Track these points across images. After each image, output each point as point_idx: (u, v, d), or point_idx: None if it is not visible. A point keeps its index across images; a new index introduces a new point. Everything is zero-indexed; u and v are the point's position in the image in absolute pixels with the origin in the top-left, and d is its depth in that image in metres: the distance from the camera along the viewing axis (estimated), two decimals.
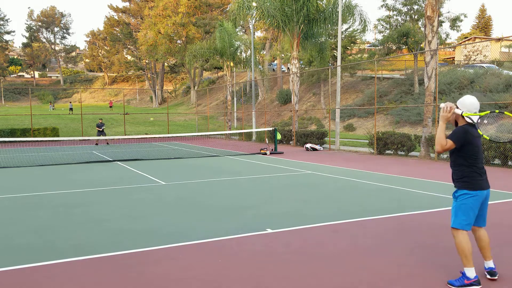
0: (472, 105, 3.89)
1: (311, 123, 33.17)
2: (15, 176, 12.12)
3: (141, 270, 4.45)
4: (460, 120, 3.98)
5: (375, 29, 40.09)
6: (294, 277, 4.24)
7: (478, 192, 3.90)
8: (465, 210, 3.93)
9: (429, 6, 15.34)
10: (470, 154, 3.92)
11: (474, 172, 3.92)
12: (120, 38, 71.06)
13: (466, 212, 3.93)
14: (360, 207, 7.36)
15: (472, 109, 3.88)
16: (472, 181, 3.92)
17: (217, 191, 9.23)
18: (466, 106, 3.90)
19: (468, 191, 3.92)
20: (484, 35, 59.94)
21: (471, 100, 3.91)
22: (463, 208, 3.93)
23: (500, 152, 12.67)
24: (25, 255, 4.97)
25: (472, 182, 3.91)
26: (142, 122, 41.68)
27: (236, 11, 24.29)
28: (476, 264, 4.20)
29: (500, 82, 23.55)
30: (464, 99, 3.95)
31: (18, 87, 74.88)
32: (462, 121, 3.97)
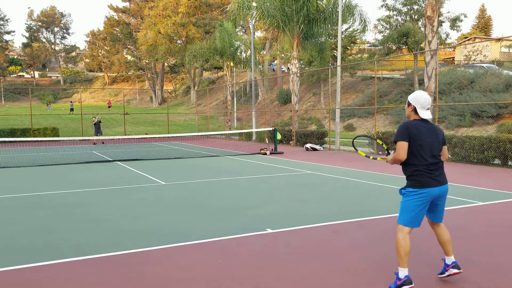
0: (426, 101, 3.83)
1: (311, 123, 33.17)
2: (15, 176, 12.13)
3: (141, 270, 4.45)
4: (412, 115, 3.92)
5: (375, 29, 40.09)
6: (294, 277, 4.24)
7: (425, 190, 3.78)
8: (410, 207, 3.82)
9: (429, 6, 15.34)
10: (415, 150, 3.79)
11: (420, 169, 3.79)
12: (120, 38, 71.06)
13: (411, 209, 3.81)
14: (360, 207, 7.36)
15: (425, 105, 3.82)
16: (418, 179, 3.80)
17: (217, 191, 9.23)
18: (420, 103, 3.83)
19: (413, 188, 3.81)
20: (484, 35, 59.94)
21: (425, 97, 3.85)
22: (408, 205, 3.83)
23: (500, 152, 12.67)
24: (25, 255, 4.97)
25: (418, 180, 3.79)
26: (142, 122, 41.68)
27: (236, 11, 24.29)
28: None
29: (500, 82, 23.55)
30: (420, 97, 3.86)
31: (18, 87, 74.88)
32: (413, 116, 3.91)
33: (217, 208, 7.46)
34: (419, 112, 3.84)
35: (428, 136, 3.80)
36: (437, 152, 3.86)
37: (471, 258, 4.72)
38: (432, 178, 3.79)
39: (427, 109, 3.85)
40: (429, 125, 3.86)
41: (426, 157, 3.78)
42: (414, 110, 3.87)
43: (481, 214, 6.89)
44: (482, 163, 13.28)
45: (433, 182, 3.79)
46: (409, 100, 3.91)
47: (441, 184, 3.85)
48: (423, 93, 3.87)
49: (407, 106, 3.96)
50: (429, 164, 3.79)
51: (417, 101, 3.83)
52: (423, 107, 3.83)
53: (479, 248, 5.06)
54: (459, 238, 5.50)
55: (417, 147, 3.77)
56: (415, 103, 3.84)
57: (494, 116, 21.39)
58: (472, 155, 13.47)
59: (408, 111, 3.93)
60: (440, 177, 3.86)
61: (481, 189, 9.04)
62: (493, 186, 9.39)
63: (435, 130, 3.87)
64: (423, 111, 3.84)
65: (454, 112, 22.96)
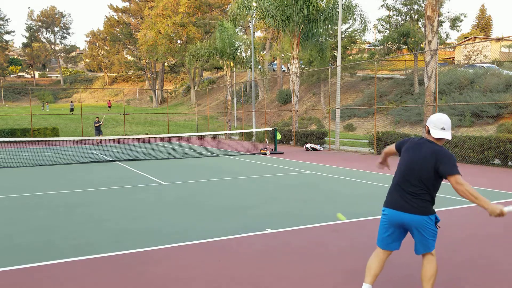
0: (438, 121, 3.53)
1: (311, 123, 33.18)
2: (15, 176, 12.12)
3: (141, 270, 4.45)
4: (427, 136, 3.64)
5: (375, 29, 40.09)
6: (294, 277, 4.24)
7: (386, 210, 3.59)
8: (380, 226, 3.70)
9: (429, 6, 15.34)
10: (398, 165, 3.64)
11: (392, 186, 3.63)
12: (120, 38, 71.07)
13: (379, 228, 3.70)
14: (360, 207, 7.36)
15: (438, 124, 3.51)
16: (387, 196, 3.65)
17: (217, 191, 9.23)
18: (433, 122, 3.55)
19: (383, 206, 3.66)
20: (484, 35, 59.94)
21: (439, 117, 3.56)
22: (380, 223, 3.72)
23: (500, 152, 12.67)
24: (25, 255, 4.97)
25: (387, 197, 3.64)
26: (142, 122, 41.68)
27: (236, 11, 24.29)
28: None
29: (500, 82, 23.55)
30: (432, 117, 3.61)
31: (18, 87, 74.89)
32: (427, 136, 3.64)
33: (217, 208, 7.46)
34: (431, 132, 3.54)
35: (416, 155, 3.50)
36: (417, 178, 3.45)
37: (471, 258, 4.72)
38: (395, 200, 3.53)
39: (441, 128, 3.50)
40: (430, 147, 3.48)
41: (401, 175, 3.55)
42: (428, 131, 3.61)
43: (481, 214, 6.89)
44: (482, 163, 13.28)
45: (393, 203, 3.53)
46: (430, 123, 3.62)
47: (401, 210, 3.47)
48: (439, 114, 3.59)
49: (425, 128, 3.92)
50: (400, 183, 3.53)
51: (430, 121, 3.58)
52: (436, 127, 3.51)
53: (479, 248, 5.06)
54: (459, 238, 5.50)
55: (400, 161, 3.65)
56: (428, 124, 3.60)
57: (494, 116, 21.39)
58: (472, 155, 13.47)
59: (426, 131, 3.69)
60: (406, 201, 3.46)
61: (481, 189, 9.04)
62: (493, 186, 9.39)
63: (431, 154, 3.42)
64: (435, 131, 3.51)
65: (454, 112, 22.96)
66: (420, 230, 3.48)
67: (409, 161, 3.53)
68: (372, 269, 3.65)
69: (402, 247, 3.91)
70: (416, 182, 3.45)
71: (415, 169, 3.47)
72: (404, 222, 3.50)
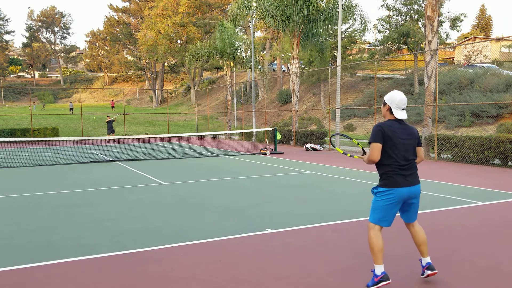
0: (401, 102, 3.83)
1: (311, 123, 33.17)
2: (15, 176, 12.12)
3: (141, 270, 4.45)
4: (387, 115, 3.93)
5: (375, 29, 40.12)
6: (294, 277, 4.24)
7: (394, 190, 3.81)
8: (380, 206, 3.88)
9: (429, 6, 15.34)
10: (390, 151, 3.81)
11: (392, 170, 3.82)
12: (120, 38, 71.06)
13: (380, 208, 3.87)
14: (360, 207, 7.36)
15: (401, 105, 3.82)
16: (389, 179, 3.84)
17: (217, 191, 9.23)
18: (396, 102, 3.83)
19: (384, 188, 3.86)
20: (484, 35, 59.93)
21: (401, 97, 3.85)
22: (378, 204, 3.90)
23: (500, 152, 12.67)
24: (25, 255, 4.97)
25: (389, 180, 3.84)
26: (142, 122, 41.68)
27: (236, 11, 24.29)
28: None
29: (500, 82, 23.55)
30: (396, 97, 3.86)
31: (18, 87, 74.88)
32: (388, 116, 3.92)
33: (217, 208, 7.46)
34: (394, 112, 3.84)
35: (402, 137, 3.82)
36: (411, 153, 3.88)
37: (471, 258, 4.72)
38: (403, 179, 3.82)
39: (402, 109, 3.84)
40: (404, 125, 3.87)
41: (399, 158, 3.81)
42: (389, 110, 3.87)
43: (481, 214, 6.89)
44: (482, 163, 13.28)
45: (403, 182, 3.81)
46: (384, 100, 3.91)
47: (412, 185, 3.85)
48: (398, 93, 3.87)
49: (382, 106, 3.96)
50: (402, 165, 3.81)
51: (392, 101, 3.83)
52: (398, 107, 3.83)
53: (479, 248, 5.06)
54: (459, 238, 5.51)
55: (391, 148, 3.80)
56: (390, 103, 3.84)
57: (494, 116, 21.39)
58: (472, 155, 13.47)
59: (384, 111, 3.94)
60: (412, 177, 3.86)
61: (481, 189, 9.04)
62: (493, 186, 9.39)
63: (410, 131, 3.88)
64: (398, 111, 3.83)
65: (454, 112, 22.96)
66: (418, 197, 3.95)
67: (403, 143, 3.82)
68: (382, 248, 3.83)
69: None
70: (411, 158, 3.88)
71: (409, 148, 3.86)
72: (412, 194, 3.87)
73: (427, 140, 15.37)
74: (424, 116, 15.73)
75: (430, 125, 15.59)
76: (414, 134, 3.92)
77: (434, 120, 15.70)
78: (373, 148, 3.84)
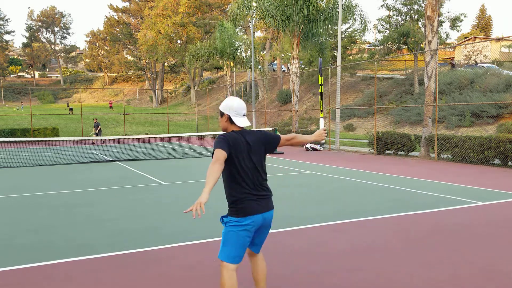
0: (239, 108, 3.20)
1: (311, 123, 33.17)
2: (15, 176, 12.12)
3: (141, 270, 4.45)
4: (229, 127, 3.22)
5: (375, 29, 40.12)
6: (294, 277, 4.24)
7: (249, 219, 3.08)
8: (232, 239, 3.11)
9: (429, 6, 15.34)
10: (235, 169, 3.09)
11: (245, 193, 3.11)
12: (120, 38, 71.06)
13: (233, 242, 3.11)
14: (360, 207, 7.36)
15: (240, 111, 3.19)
16: (241, 205, 3.10)
17: (217, 191, 9.20)
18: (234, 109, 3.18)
19: (235, 217, 3.10)
20: (484, 35, 59.94)
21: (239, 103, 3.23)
22: (230, 236, 3.11)
23: (500, 152, 12.67)
24: (25, 255, 4.97)
25: (241, 207, 3.09)
26: (142, 122, 41.68)
27: (236, 11, 24.30)
28: None
29: (500, 82, 23.55)
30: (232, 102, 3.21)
31: (18, 87, 74.90)
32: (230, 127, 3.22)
33: (217, 208, 7.45)
34: (234, 120, 3.17)
35: (248, 149, 3.14)
36: (261, 166, 3.24)
37: (471, 259, 4.72)
38: (258, 202, 3.14)
39: (243, 115, 3.22)
40: (248, 135, 3.19)
41: (244, 174, 3.11)
42: (229, 120, 3.19)
43: (481, 214, 6.89)
44: (482, 163, 13.28)
45: (256, 207, 3.12)
46: (221, 110, 3.23)
47: (265, 210, 3.17)
48: (234, 98, 3.26)
49: (220, 118, 3.25)
50: (249, 185, 3.14)
51: (230, 108, 3.18)
52: (238, 114, 3.19)
53: (479, 248, 5.06)
54: (459, 238, 5.50)
55: (237, 165, 3.09)
56: (228, 111, 3.18)
57: (494, 116, 21.38)
58: (472, 155, 13.47)
59: (223, 122, 3.22)
60: (263, 201, 3.19)
61: (481, 189, 9.04)
62: (493, 186, 9.38)
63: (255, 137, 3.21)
64: (238, 118, 3.19)
65: (454, 112, 22.96)
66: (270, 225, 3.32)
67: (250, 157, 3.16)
68: None
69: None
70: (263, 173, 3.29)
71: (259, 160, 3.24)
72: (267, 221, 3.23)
73: (427, 140, 15.37)
74: (424, 116, 15.73)
75: (430, 125, 15.59)
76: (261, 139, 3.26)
77: (434, 120, 15.70)
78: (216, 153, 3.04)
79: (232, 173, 3.12)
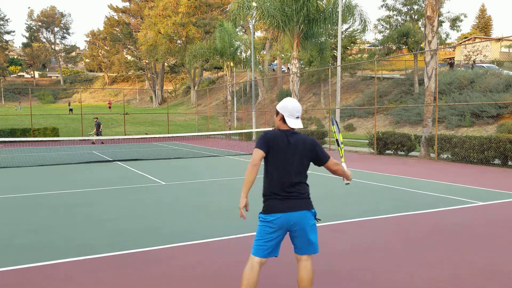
0: (294, 109, 3.35)
1: (311, 123, 33.17)
2: (15, 176, 12.12)
3: (141, 270, 4.45)
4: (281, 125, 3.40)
5: (375, 29, 40.12)
6: (294, 277, 4.24)
7: (272, 216, 3.27)
8: (258, 233, 3.38)
9: (429, 6, 15.34)
10: (270, 166, 3.29)
11: (271, 191, 3.32)
12: (120, 38, 71.06)
13: (259, 235, 3.38)
14: (360, 207, 7.36)
15: (294, 113, 3.34)
16: (267, 202, 3.33)
17: (217, 191, 9.23)
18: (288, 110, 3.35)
19: (262, 214, 3.35)
20: (484, 35, 59.94)
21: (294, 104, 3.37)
22: (258, 229, 3.40)
23: (500, 152, 12.67)
24: (25, 255, 4.97)
25: (267, 204, 3.33)
26: (142, 122, 41.68)
27: (236, 11, 24.29)
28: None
29: (500, 82, 23.55)
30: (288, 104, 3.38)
31: (18, 87, 74.89)
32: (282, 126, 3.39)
33: (217, 208, 7.46)
34: (287, 121, 3.34)
35: (287, 148, 3.28)
36: (297, 168, 3.30)
37: (471, 259, 4.72)
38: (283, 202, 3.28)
39: (296, 117, 3.36)
40: (293, 135, 3.33)
41: (276, 172, 3.29)
42: (282, 119, 3.37)
43: (481, 214, 6.89)
44: (482, 163, 13.28)
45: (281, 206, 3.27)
46: (277, 109, 3.42)
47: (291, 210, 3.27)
48: (290, 99, 3.42)
49: (275, 116, 3.44)
50: (281, 182, 3.28)
51: (285, 109, 3.36)
52: (291, 115, 3.35)
53: (479, 248, 5.06)
54: (459, 238, 5.50)
55: (271, 163, 3.29)
56: (283, 111, 3.36)
57: (494, 116, 21.39)
58: (472, 155, 13.47)
59: (277, 121, 3.42)
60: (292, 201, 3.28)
61: (481, 189, 9.04)
62: (493, 186, 9.39)
63: (300, 141, 3.32)
64: (291, 120, 3.35)
65: (454, 112, 22.96)
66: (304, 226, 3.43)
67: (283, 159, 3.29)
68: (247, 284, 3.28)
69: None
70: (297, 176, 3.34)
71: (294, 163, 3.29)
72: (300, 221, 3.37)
73: (427, 140, 15.37)
74: (424, 116, 15.73)
75: (430, 125, 15.60)
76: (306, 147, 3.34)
77: (434, 120, 15.70)
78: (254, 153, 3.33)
79: (266, 168, 3.35)
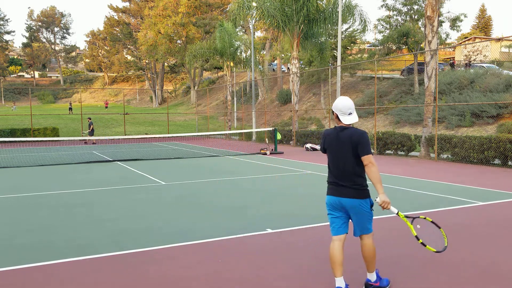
0: (345, 107, 3.74)
1: (311, 123, 33.16)
2: (15, 176, 12.12)
3: (141, 270, 4.45)
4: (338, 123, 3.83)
5: (375, 29, 40.11)
6: (294, 277, 4.24)
7: (327, 198, 3.89)
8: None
9: (429, 6, 15.34)
10: (328, 159, 3.88)
11: (329, 180, 3.90)
12: (120, 38, 71.04)
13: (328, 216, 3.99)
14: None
15: (345, 110, 3.73)
16: (327, 187, 3.92)
17: (217, 191, 9.23)
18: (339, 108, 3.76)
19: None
20: (484, 35, 59.94)
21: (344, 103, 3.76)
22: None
23: (500, 152, 12.67)
24: (25, 255, 4.97)
25: (327, 188, 3.91)
26: (142, 122, 41.67)
27: (236, 11, 24.30)
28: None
29: (500, 82, 23.54)
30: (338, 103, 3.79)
31: (18, 87, 74.87)
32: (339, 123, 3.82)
33: (217, 208, 7.46)
34: (341, 118, 3.77)
35: (337, 143, 3.78)
36: (343, 160, 3.75)
37: (471, 259, 4.72)
38: (333, 188, 3.83)
39: (348, 114, 3.74)
40: (343, 131, 3.76)
41: (331, 164, 3.85)
42: (337, 117, 3.81)
43: (481, 214, 6.89)
44: (482, 163, 13.28)
45: (332, 190, 3.84)
46: (331, 109, 3.87)
47: (341, 196, 3.77)
48: (340, 98, 3.82)
49: (332, 114, 3.91)
50: (333, 173, 3.83)
51: (336, 108, 3.79)
52: (343, 113, 3.75)
53: (479, 248, 5.06)
54: (459, 238, 5.50)
55: (328, 155, 3.88)
56: (336, 110, 3.80)
57: (494, 116, 21.38)
58: (472, 155, 13.47)
59: (335, 119, 3.87)
60: (342, 188, 3.77)
61: (481, 189, 9.04)
62: (493, 186, 9.38)
63: (347, 136, 3.72)
64: (344, 117, 3.75)
65: (454, 112, 22.95)
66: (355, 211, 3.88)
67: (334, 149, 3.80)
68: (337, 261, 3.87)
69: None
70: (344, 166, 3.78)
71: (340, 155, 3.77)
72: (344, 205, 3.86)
73: (427, 140, 15.37)
74: (424, 116, 15.73)
75: (430, 125, 15.59)
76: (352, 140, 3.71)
77: (434, 120, 15.70)
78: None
79: (328, 160, 3.89)
